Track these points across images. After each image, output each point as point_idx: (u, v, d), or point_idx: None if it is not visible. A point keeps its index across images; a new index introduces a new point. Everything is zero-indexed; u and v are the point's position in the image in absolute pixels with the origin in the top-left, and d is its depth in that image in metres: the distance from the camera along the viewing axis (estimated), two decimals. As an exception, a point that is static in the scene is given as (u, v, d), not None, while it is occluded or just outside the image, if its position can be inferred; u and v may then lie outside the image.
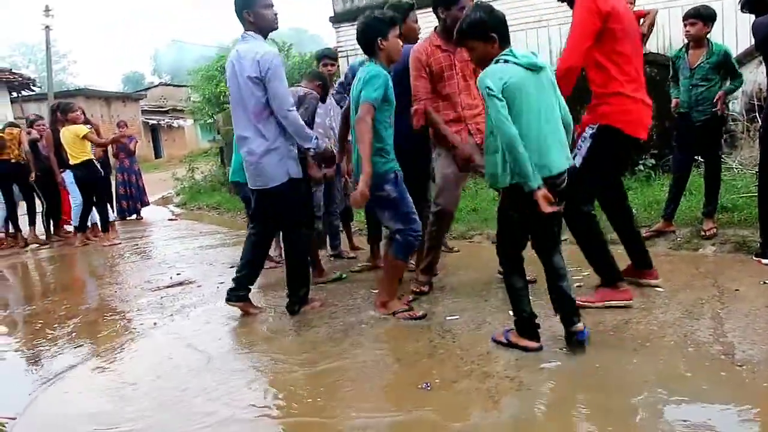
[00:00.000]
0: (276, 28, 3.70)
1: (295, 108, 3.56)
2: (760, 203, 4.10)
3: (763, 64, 4.56)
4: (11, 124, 8.43)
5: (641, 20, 7.49)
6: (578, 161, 3.27)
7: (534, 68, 2.73)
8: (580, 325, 2.84)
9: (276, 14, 3.63)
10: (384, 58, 3.38)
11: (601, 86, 3.27)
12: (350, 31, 11.07)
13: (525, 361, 2.78)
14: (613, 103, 3.24)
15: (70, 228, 8.52)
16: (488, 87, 2.66)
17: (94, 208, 7.77)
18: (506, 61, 2.73)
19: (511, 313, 3.11)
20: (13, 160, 7.91)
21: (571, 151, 3.00)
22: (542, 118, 2.73)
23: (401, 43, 3.45)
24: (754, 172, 5.12)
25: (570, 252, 4.19)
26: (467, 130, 3.83)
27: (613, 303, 3.36)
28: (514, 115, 2.67)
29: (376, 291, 3.89)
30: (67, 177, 7.82)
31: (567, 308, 2.90)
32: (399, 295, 3.76)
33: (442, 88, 3.82)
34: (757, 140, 4.52)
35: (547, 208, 2.64)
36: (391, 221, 3.53)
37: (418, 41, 4.08)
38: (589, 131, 3.30)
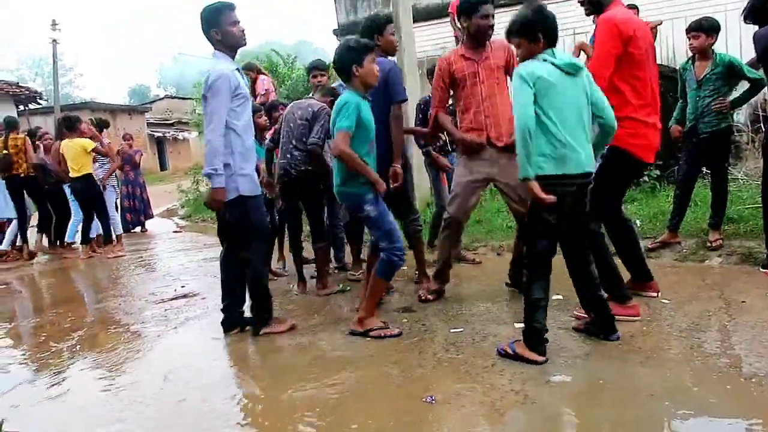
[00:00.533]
0: (243, 45, 3.64)
1: (216, 131, 3.43)
2: (765, 214, 4.08)
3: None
4: (9, 125, 8.13)
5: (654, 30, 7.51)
6: None
7: (571, 71, 2.81)
8: (617, 335, 3.07)
9: (243, 30, 3.60)
10: (359, 84, 3.43)
11: (616, 109, 3.28)
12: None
13: (530, 374, 2.76)
14: (626, 126, 3.25)
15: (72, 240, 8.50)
16: (521, 75, 2.78)
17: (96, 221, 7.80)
18: (545, 60, 2.81)
19: (516, 325, 3.10)
20: (22, 174, 7.93)
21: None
22: (571, 118, 2.81)
23: (377, 68, 3.48)
24: (759, 182, 5.10)
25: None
26: (486, 137, 3.84)
27: (620, 318, 3.34)
28: (542, 110, 2.77)
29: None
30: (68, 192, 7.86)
31: (606, 319, 3.07)
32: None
33: (466, 95, 3.87)
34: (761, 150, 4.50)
35: (541, 195, 2.77)
36: (378, 239, 3.58)
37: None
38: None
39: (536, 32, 2.82)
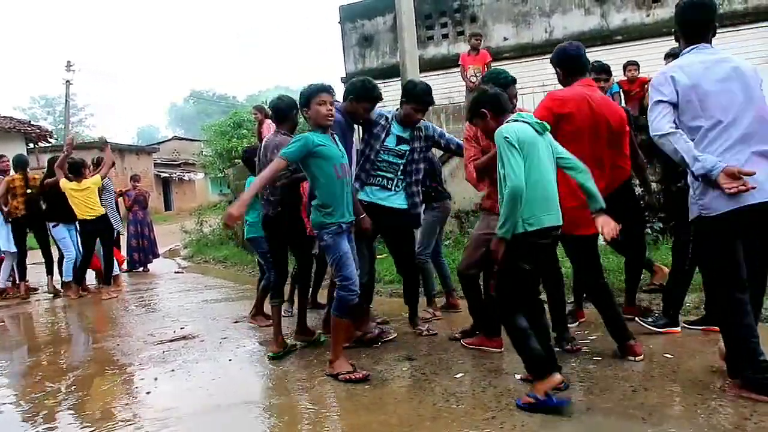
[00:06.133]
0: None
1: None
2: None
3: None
4: (21, 164, 8.16)
5: (645, 86, 7.67)
6: None
7: (540, 130, 3.00)
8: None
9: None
10: (312, 123, 3.62)
11: None
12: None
13: (531, 428, 2.71)
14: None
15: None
16: (506, 137, 2.90)
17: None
18: (516, 120, 3.00)
19: (517, 377, 3.05)
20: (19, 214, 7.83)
21: None
22: (546, 174, 2.98)
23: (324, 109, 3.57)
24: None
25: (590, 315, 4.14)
26: None
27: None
28: (525, 169, 2.89)
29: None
30: (58, 232, 7.74)
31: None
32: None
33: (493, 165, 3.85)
34: None
35: (498, 254, 2.98)
36: (332, 269, 3.66)
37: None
38: None
39: (480, 110, 3.15)
